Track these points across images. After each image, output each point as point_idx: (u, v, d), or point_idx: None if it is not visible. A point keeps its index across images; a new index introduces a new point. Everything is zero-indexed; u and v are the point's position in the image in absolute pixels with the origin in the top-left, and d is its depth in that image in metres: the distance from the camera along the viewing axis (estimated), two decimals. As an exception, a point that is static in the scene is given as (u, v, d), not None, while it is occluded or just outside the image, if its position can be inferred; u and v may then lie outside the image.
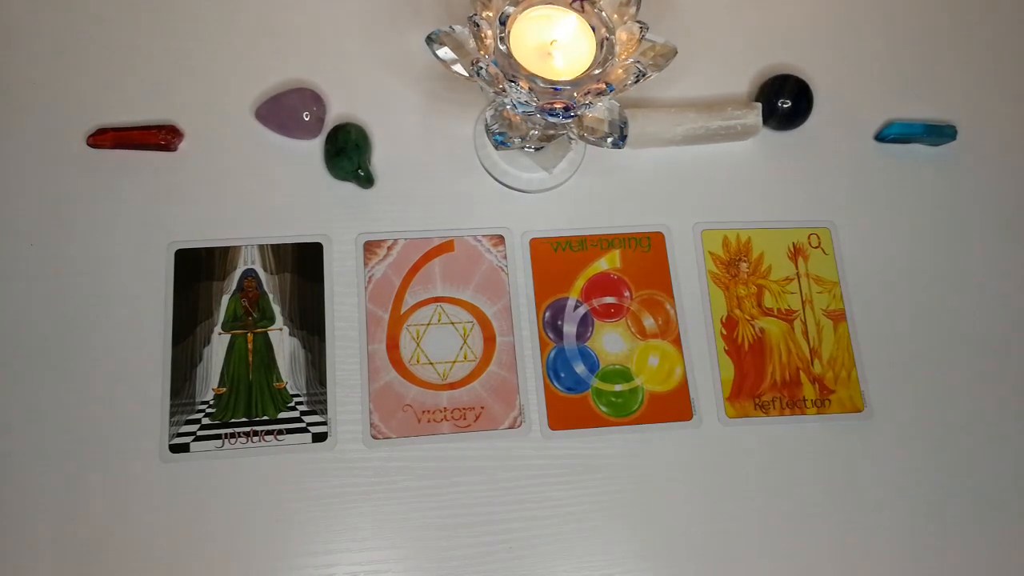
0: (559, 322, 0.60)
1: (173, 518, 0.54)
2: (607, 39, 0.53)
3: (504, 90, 0.51)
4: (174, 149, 0.61)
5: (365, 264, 0.60)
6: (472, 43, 0.52)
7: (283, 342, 0.58)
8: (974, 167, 0.68)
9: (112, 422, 0.55)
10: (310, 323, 0.58)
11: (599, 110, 0.53)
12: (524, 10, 0.53)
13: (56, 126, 0.61)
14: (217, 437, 0.55)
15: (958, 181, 0.67)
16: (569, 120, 0.52)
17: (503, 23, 0.52)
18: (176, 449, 0.55)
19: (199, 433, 0.55)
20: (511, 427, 0.57)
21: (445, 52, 0.52)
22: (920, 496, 0.59)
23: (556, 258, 0.62)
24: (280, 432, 0.56)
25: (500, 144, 0.55)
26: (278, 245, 0.60)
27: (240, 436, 0.56)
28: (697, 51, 0.67)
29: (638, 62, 0.52)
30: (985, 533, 0.58)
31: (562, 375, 0.59)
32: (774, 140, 0.67)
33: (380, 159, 0.63)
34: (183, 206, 0.60)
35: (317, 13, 0.66)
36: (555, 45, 0.53)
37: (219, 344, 0.57)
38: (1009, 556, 0.58)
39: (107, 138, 0.60)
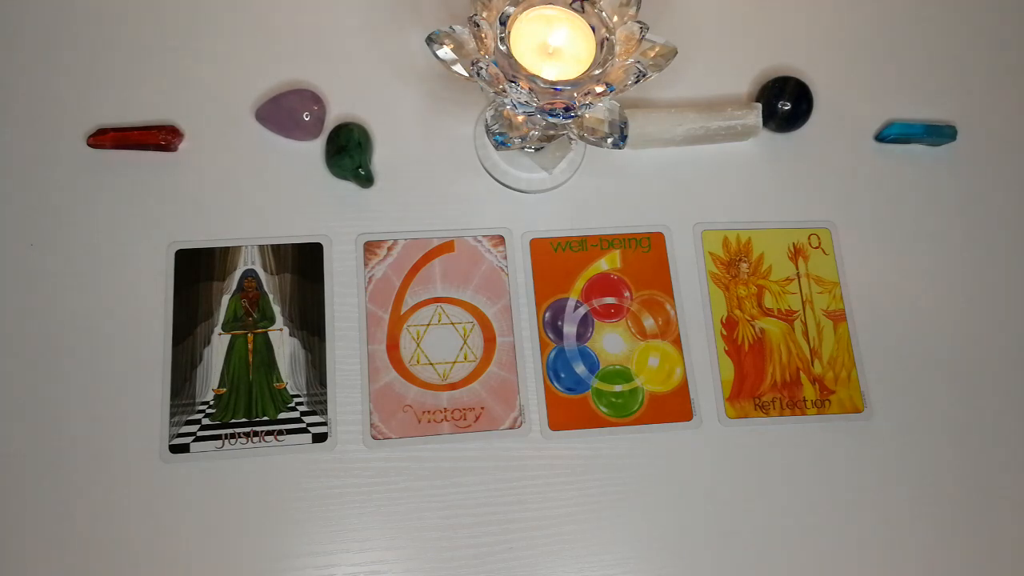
0: (559, 322, 0.60)
1: (173, 518, 0.54)
2: (607, 39, 0.53)
3: (504, 90, 0.51)
4: (174, 149, 0.61)
5: (365, 264, 0.60)
6: (472, 43, 0.52)
7: (283, 342, 0.58)
8: (974, 167, 0.68)
9: (112, 422, 0.55)
10: (310, 323, 0.58)
11: (599, 110, 0.53)
12: (524, 10, 0.53)
13: (56, 126, 0.61)
14: (217, 437, 0.55)
15: (958, 181, 0.67)
16: (569, 120, 0.52)
17: (503, 23, 0.52)
18: (176, 449, 0.55)
19: (199, 433, 0.55)
20: (511, 427, 0.57)
21: (445, 52, 0.52)
22: (920, 496, 0.59)
23: (556, 258, 0.62)
24: (280, 432, 0.56)
25: (500, 144, 0.55)
26: (278, 245, 0.60)
27: (240, 436, 0.56)
28: (697, 51, 0.67)
29: (638, 62, 0.52)
30: (985, 533, 0.58)
31: (562, 375, 0.59)
32: (774, 141, 0.67)
33: (380, 159, 0.63)
34: (183, 206, 0.60)
35: (317, 13, 0.66)
36: (555, 50, 0.53)
37: (219, 344, 0.57)
38: (1009, 555, 0.58)
39: (107, 138, 0.60)
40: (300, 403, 0.57)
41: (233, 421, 0.56)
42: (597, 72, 0.52)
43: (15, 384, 0.55)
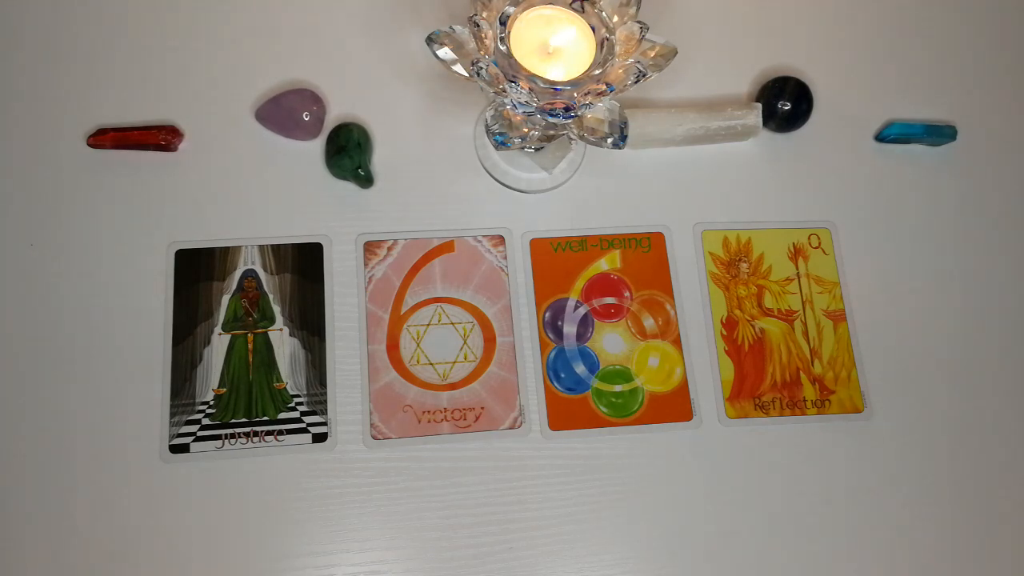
0: (559, 322, 0.60)
1: (173, 518, 0.54)
2: (607, 39, 0.53)
3: (504, 90, 0.51)
4: (174, 149, 0.61)
5: (365, 264, 0.60)
6: (472, 43, 0.52)
7: (283, 342, 0.58)
8: (974, 167, 0.68)
9: (112, 422, 0.55)
10: (310, 323, 0.58)
11: (599, 110, 0.53)
12: (524, 10, 0.53)
13: (56, 126, 0.61)
14: (217, 437, 0.55)
15: (958, 181, 0.67)
16: (569, 120, 0.52)
17: (503, 23, 0.52)
18: (176, 449, 0.55)
19: (199, 433, 0.55)
20: (511, 427, 0.57)
21: (445, 52, 0.52)
22: (920, 496, 0.59)
23: (556, 258, 0.62)
24: (280, 432, 0.56)
25: (500, 144, 0.55)
26: (278, 245, 0.60)
27: (240, 436, 0.56)
28: (697, 51, 0.67)
29: (638, 62, 0.52)
30: (985, 533, 0.58)
31: (562, 375, 0.59)
32: (774, 141, 0.67)
33: (380, 159, 0.63)
34: (183, 206, 0.60)
35: (317, 13, 0.66)
36: (555, 50, 0.53)
37: (219, 344, 0.57)
38: (1009, 555, 0.58)
39: (107, 138, 0.60)
40: (300, 403, 0.57)
41: (233, 421, 0.56)
42: (597, 72, 0.52)
43: (15, 384, 0.55)
